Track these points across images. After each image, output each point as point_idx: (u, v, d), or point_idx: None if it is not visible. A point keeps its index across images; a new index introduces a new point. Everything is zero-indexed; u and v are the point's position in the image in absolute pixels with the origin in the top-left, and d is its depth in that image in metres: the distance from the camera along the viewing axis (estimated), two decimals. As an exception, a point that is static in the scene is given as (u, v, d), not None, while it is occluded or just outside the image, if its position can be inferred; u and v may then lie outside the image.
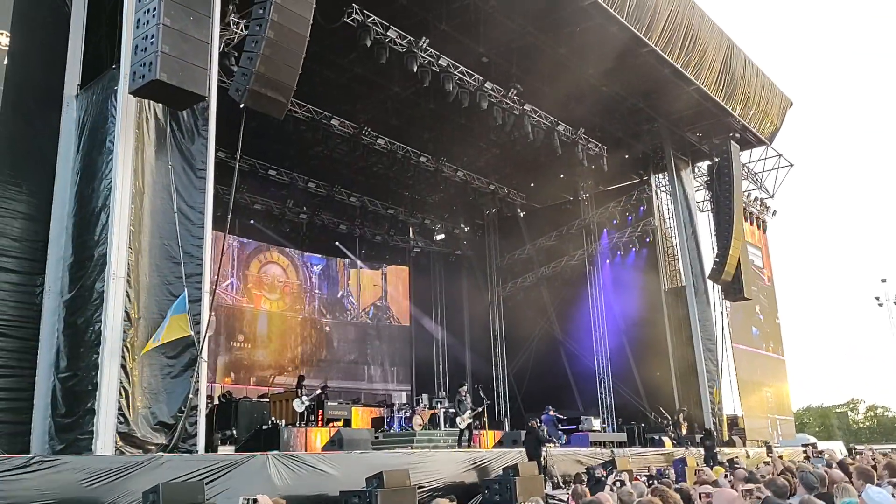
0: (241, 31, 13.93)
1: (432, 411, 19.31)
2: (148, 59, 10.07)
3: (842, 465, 8.36)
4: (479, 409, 19.24)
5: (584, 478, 13.09)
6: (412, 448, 15.19)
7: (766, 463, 12.39)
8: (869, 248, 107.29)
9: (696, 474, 12.04)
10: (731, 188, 24.05)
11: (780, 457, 16.60)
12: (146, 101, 10.89)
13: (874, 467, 6.78)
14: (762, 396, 26.81)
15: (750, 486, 5.75)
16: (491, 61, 19.79)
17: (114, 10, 11.80)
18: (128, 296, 10.20)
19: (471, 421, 18.42)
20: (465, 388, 19.17)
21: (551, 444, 15.80)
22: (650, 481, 10.25)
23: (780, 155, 27.81)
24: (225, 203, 13.63)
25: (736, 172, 24.28)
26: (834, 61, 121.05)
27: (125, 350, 10.01)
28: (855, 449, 25.19)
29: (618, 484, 10.80)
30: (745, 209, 26.21)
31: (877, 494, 4.90)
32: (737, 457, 17.28)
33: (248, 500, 5.05)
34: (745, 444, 22.86)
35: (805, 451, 21.80)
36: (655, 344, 24.70)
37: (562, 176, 27.62)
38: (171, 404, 10.36)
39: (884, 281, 35.22)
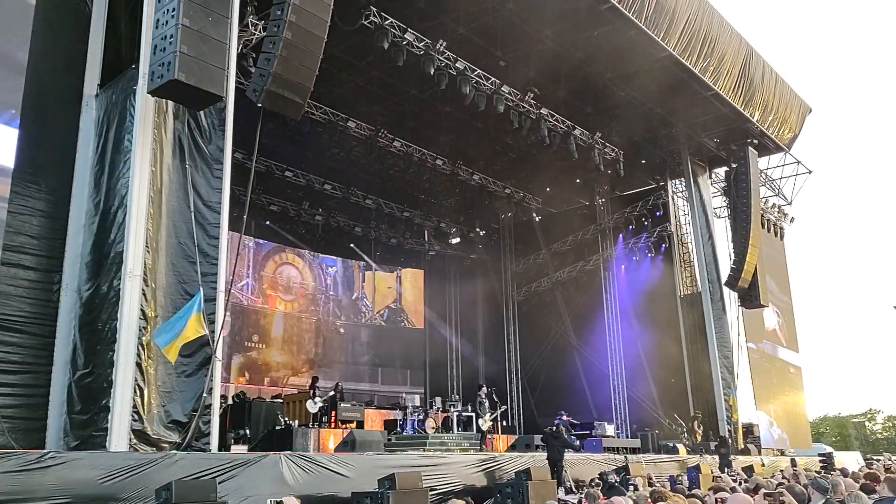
0: (259, 32, 14.02)
1: (445, 414, 19.29)
2: (167, 59, 10.12)
3: (870, 477, 8.21)
4: (502, 410, 19.31)
5: (593, 483, 13.02)
6: (425, 451, 15.18)
7: (782, 471, 12.26)
8: (887, 256, 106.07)
9: (713, 480, 11.94)
10: (748, 194, 23.90)
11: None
12: (164, 100, 10.96)
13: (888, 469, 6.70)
14: (778, 405, 26.57)
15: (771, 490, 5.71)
16: (508, 65, 19.79)
17: (133, 11, 11.88)
18: (144, 294, 10.25)
19: (491, 423, 18.46)
20: (485, 390, 19.25)
21: (577, 451, 15.72)
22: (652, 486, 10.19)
23: (798, 161, 27.64)
24: (241, 204, 13.72)
25: (753, 179, 24.13)
26: (853, 68, 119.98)
27: (140, 348, 10.06)
28: (872, 458, 24.87)
29: (631, 488, 10.73)
30: (762, 216, 26.02)
31: None
32: (734, 472, 16.76)
33: (277, 502, 5.07)
34: (760, 453, 22.66)
35: (823, 463, 21.55)
36: (670, 350, 24.54)
37: (578, 181, 27.56)
38: (185, 403, 10.40)
39: (903, 290, 34.84)
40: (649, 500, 4.95)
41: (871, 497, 5.71)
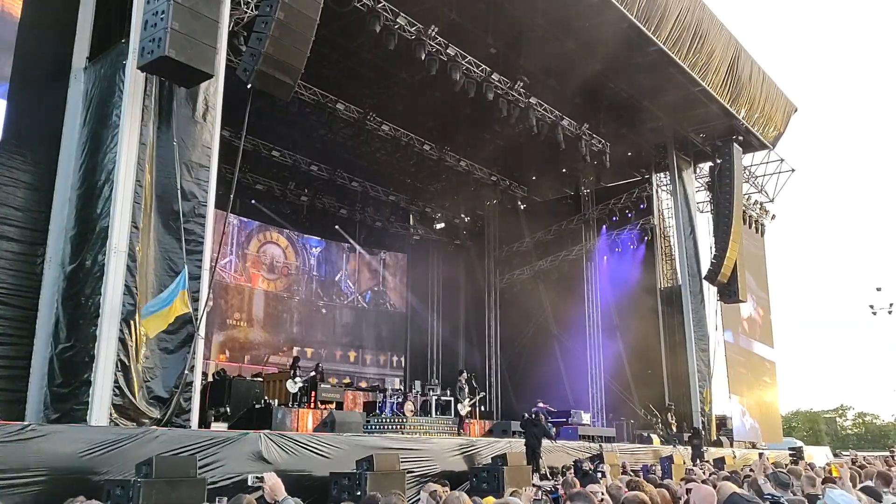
0: (252, 10, 13.93)
1: (424, 398, 19.46)
2: (157, 35, 10.09)
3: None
4: (481, 396, 19.51)
5: (568, 470, 13.22)
6: (403, 433, 15.34)
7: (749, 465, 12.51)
8: (865, 255, 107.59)
9: (686, 472, 12.16)
10: (731, 190, 24.16)
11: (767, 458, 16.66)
12: (154, 76, 10.92)
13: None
14: (751, 398, 26.99)
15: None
16: (499, 52, 19.78)
17: (125, -16, 11.79)
18: (129, 269, 10.25)
19: (470, 408, 18.63)
20: (465, 375, 19.43)
21: (553, 441, 15.86)
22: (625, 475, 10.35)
23: (781, 160, 27.87)
24: (227, 182, 13.71)
25: (737, 175, 24.37)
26: (839, 68, 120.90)
27: (123, 324, 10.08)
28: (839, 454, 25.40)
29: (599, 475, 10.92)
30: (744, 212, 26.31)
31: (839, 496, 5.01)
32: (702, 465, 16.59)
33: (257, 477, 5.19)
34: (732, 445, 23.04)
35: (792, 457, 21.96)
36: (648, 342, 24.82)
37: (564, 170, 27.66)
38: (166, 379, 10.45)
39: (879, 290, 35.21)
40: (624, 489, 5.12)
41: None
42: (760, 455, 12.63)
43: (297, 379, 16.49)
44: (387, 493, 4.72)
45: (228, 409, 14.53)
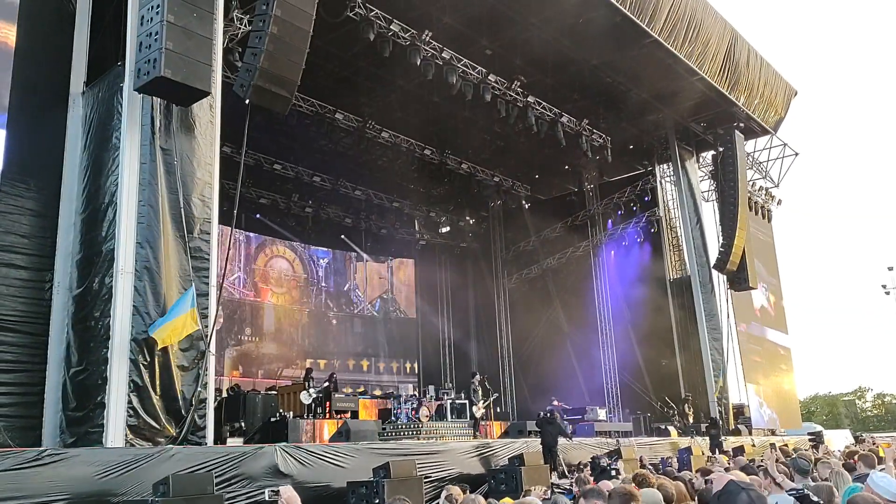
0: (245, 26, 14.00)
1: (438, 402, 19.45)
2: (152, 56, 10.15)
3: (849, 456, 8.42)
4: (494, 397, 19.51)
5: (585, 467, 13.17)
6: (419, 439, 15.33)
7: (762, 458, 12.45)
8: (876, 235, 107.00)
9: (706, 462, 12.12)
10: (735, 178, 24.09)
11: (786, 444, 16.61)
12: (152, 97, 10.97)
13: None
14: (768, 385, 26.86)
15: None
16: (494, 53, 19.81)
17: (118, 7, 11.84)
18: (136, 290, 10.29)
19: (484, 410, 18.63)
20: (478, 377, 19.43)
21: (569, 440, 15.79)
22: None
23: (785, 144, 27.79)
24: (231, 197, 13.75)
25: (740, 162, 24.31)
26: (839, 48, 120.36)
27: (134, 344, 10.11)
28: (860, 437, 25.23)
29: (613, 472, 10.86)
30: (750, 199, 26.21)
31: (881, 479, 4.95)
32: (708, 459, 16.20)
33: (274, 491, 5.20)
34: (750, 433, 22.93)
35: (812, 442, 21.83)
36: (661, 334, 24.75)
37: (566, 167, 27.68)
38: (180, 397, 10.47)
39: (891, 269, 34.99)
40: (633, 485, 5.09)
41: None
42: (772, 446, 12.58)
43: (311, 390, 16.54)
44: (392, 499, 4.70)
45: (244, 424, 14.56)
